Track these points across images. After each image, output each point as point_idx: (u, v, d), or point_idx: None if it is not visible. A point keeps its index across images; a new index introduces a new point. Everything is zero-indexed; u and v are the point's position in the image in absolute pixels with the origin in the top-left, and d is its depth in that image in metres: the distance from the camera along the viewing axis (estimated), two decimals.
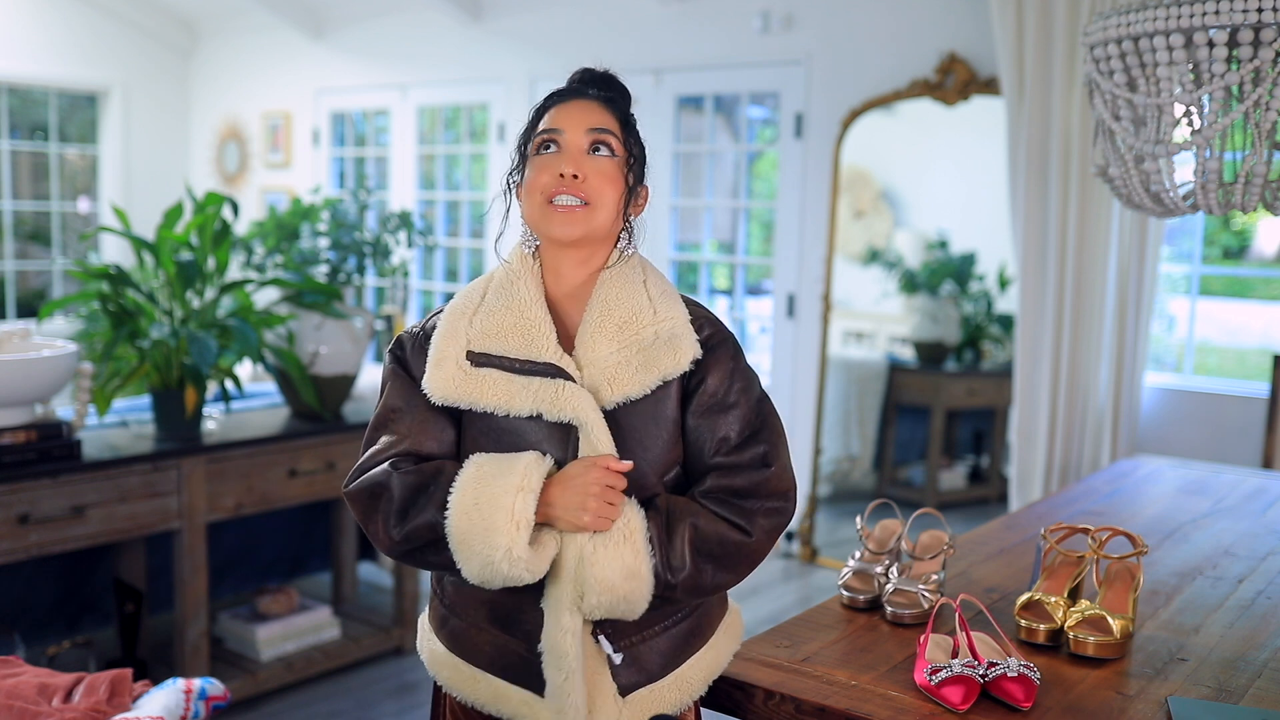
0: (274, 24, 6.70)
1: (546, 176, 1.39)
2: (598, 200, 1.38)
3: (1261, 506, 2.60)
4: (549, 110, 1.43)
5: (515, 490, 1.30)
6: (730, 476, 1.40)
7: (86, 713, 1.86)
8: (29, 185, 7.10)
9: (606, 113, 1.42)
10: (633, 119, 1.46)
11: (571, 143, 1.40)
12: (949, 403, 5.18)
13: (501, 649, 1.42)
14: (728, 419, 1.41)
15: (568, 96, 1.44)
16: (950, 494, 5.20)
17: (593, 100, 1.43)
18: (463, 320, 1.42)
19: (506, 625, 1.41)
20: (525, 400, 1.37)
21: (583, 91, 1.45)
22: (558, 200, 1.38)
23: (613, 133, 1.41)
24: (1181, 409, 3.98)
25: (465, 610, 1.45)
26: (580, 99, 1.43)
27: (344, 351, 3.37)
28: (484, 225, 6.08)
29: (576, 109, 1.42)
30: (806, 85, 4.69)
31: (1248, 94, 1.91)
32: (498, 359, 1.39)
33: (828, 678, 1.54)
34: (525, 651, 1.40)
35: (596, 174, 1.38)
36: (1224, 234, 6.29)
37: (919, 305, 5.27)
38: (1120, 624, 1.63)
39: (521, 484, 1.30)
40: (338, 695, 3.32)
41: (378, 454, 1.40)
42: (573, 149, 1.39)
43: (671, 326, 1.41)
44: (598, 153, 1.40)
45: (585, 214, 1.38)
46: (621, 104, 1.46)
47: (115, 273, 2.98)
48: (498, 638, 1.42)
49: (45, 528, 2.67)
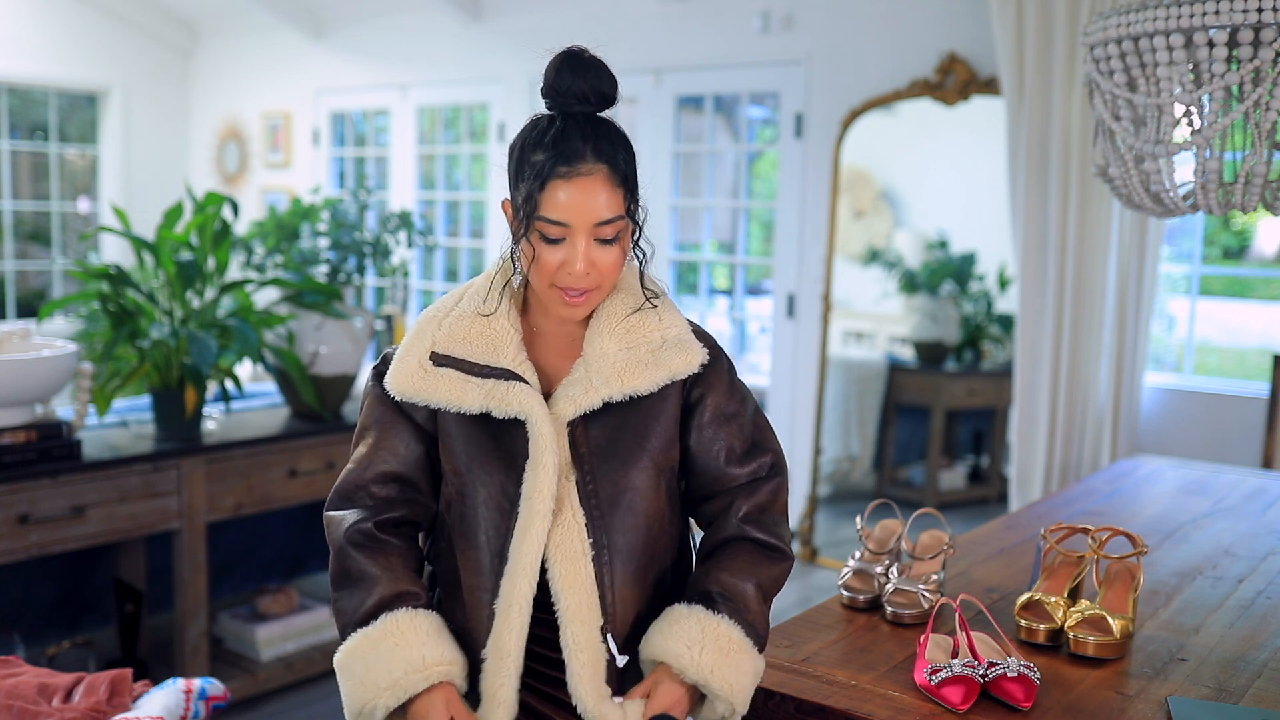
0: (274, 24, 6.70)
1: (555, 268, 1.36)
2: (605, 283, 1.39)
3: (1261, 506, 2.59)
4: (551, 184, 1.33)
5: (387, 688, 1.37)
6: (754, 494, 1.48)
7: (86, 713, 1.86)
8: (29, 185, 7.10)
9: (611, 188, 1.34)
10: (633, 176, 1.38)
11: (579, 238, 1.34)
12: (949, 403, 5.18)
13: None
14: (732, 428, 1.47)
15: (571, 171, 1.32)
16: (950, 494, 5.20)
17: (599, 174, 1.33)
18: (432, 324, 1.45)
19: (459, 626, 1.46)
20: (476, 398, 1.40)
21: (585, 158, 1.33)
22: (568, 290, 1.37)
23: (619, 216, 1.35)
24: (1181, 409, 3.98)
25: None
26: (584, 177, 1.32)
27: (344, 351, 3.37)
28: (484, 225, 6.09)
29: (581, 193, 1.32)
30: (806, 85, 4.69)
31: (1248, 94, 1.91)
32: (458, 361, 1.42)
33: (828, 678, 1.54)
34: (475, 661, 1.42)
35: (604, 261, 1.37)
36: (1224, 234, 6.29)
37: (919, 305, 5.27)
38: (1120, 624, 1.63)
39: (392, 684, 1.37)
40: (337, 695, 3.31)
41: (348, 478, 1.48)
42: (580, 244, 1.34)
43: (678, 333, 1.45)
44: (605, 244, 1.36)
45: (591, 297, 1.39)
46: (624, 159, 1.36)
47: (115, 273, 2.98)
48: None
49: (45, 528, 2.67)
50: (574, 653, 1.37)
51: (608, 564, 1.40)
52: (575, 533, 1.39)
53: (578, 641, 1.37)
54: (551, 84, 1.36)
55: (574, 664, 1.37)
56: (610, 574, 1.40)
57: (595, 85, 1.35)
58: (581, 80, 1.35)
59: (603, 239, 1.36)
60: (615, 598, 1.40)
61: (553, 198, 1.33)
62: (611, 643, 1.40)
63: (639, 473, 1.42)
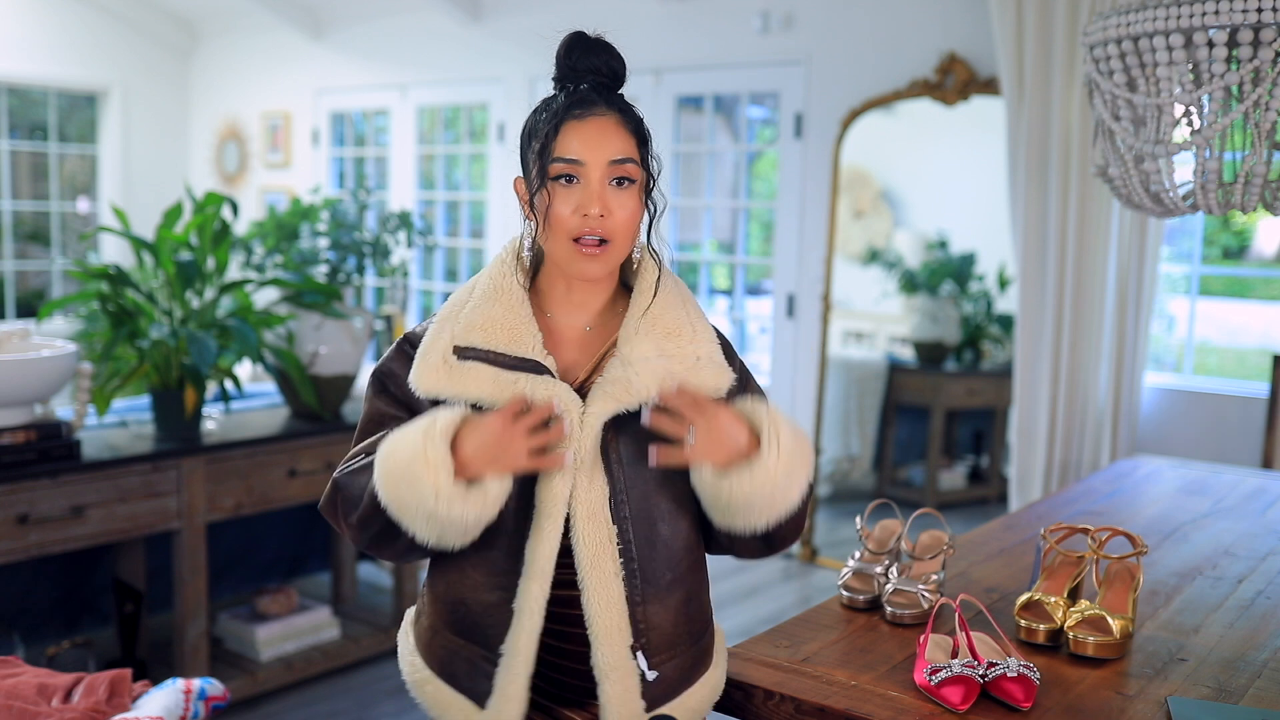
0: (274, 24, 6.70)
1: (570, 214, 1.36)
2: (618, 236, 1.38)
3: (1261, 506, 2.59)
4: (565, 126, 1.36)
5: (422, 435, 1.29)
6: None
7: (86, 713, 1.86)
8: (29, 185, 7.10)
9: (625, 132, 1.37)
10: (646, 130, 1.42)
11: (593, 176, 1.35)
12: (949, 403, 5.18)
13: (454, 653, 1.43)
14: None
15: (584, 112, 1.36)
16: (950, 494, 5.20)
17: (611, 118, 1.37)
18: (450, 319, 1.43)
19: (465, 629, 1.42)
20: (509, 393, 1.36)
21: (598, 104, 1.37)
22: (583, 240, 1.37)
23: (633, 159, 1.37)
24: (1181, 409, 3.98)
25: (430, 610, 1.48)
26: (598, 117, 1.36)
27: (344, 351, 3.37)
28: (484, 225, 6.08)
29: (595, 131, 1.35)
30: (806, 85, 4.69)
31: (1247, 94, 1.91)
32: (482, 352, 1.39)
33: (828, 678, 1.54)
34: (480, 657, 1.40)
35: (620, 208, 1.37)
36: (1224, 234, 6.29)
37: (919, 305, 5.27)
38: (1120, 624, 1.63)
39: (426, 428, 1.29)
40: (338, 695, 3.31)
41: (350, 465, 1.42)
42: (594, 183, 1.35)
43: (710, 351, 1.45)
44: (619, 185, 1.37)
45: (608, 252, 1.38)
46: (636, 113, 1.41)
47: (115, 273, 2.98)
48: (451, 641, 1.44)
49: (45, 528, 2.67)
50: (605, 673, 1.36)
51: (638, 582, 1.38)
52: (608, 552, 1.36)
53: (608, 662, 1.36)
54: (564, 61, 1.39)
55: (605, 684, 1.36)
56: (640, 592, 1.38)
57: (607, 62, 1.40)
58: (594, 58, 1.39)
59: (617, 179, 1.36)
60: (646, 615, 1.39)
61: (566, 138, 1.35)
62: (642, 659, 1.39)
63: (669, 487, 1.41)
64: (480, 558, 1.40)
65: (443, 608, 1.45)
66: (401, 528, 1.32)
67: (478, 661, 1.41)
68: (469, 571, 1.41)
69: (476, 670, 1.41)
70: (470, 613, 1.41)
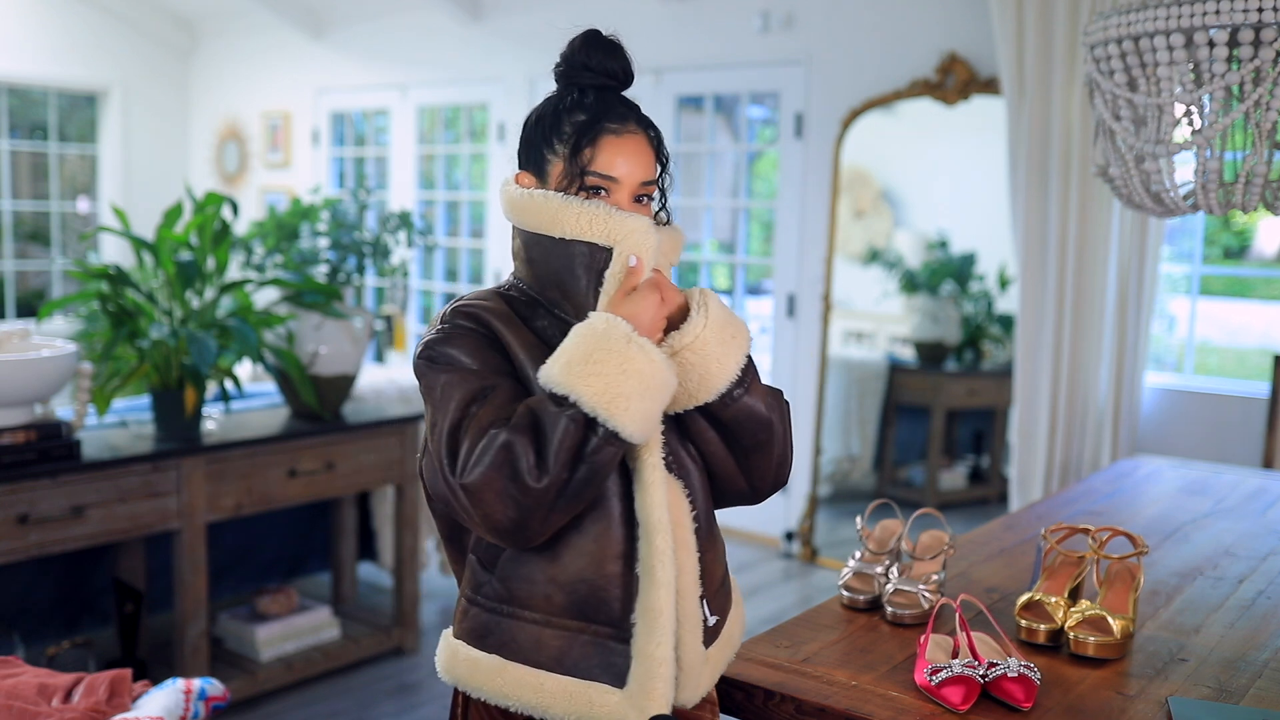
0: (274, 24, 6.70)
1: None
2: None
3: (1262, 506, 2.59)
4: (604, 140, 1.37)
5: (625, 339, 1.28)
6: None
7: (86, 713, 1.86)
8: (29, 185, 7.10)
9: (652, 152, 1.40)
10: (666, 154, 1.44)
11: (623, 196, 1.38)
12: (949, 403, 5.18)
13: (570, 640, 1.37)
14: None
15: (620, 128, 1.38)
16: (950, 494, 5.20)
17: (642, 137, 1.39)
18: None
19: (583, 610, 1.37)
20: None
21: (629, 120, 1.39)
22: None
23: (655, 180, 1.41)
24: (1182, 409, 3.98)
25: (532, 605, 1.38)
26: (632, 135, 1.38)
27: (344, 351, 3.37)
28: (484, 225, 6.08)
29: (633, 151, 1.38)
30: (806, 85, 4.69)
31: (1248, 94, 1.91)
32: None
33: (828, 678, 1.54)
34: (608, 636, 1.36)
35: None
36: (1224, 234, 6.29)
37: (919, 305, 5.27)
38: (1120, 624, 1.63)
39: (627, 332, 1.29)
40: (338, 695, 3.31)
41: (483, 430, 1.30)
42: (624, 202, 1.38)
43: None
44: (639, 202, 1.40)
45: None
46: (657, 133, 1.43)
47: (115, 273, 2.98)
48: (568, 627, 1.37)
49: (45, 528, 2.67)
50: (681, 620, 1.37)
51: (702, 531, 1.41)
52: (681, 504, 1.39)
53: (684, 610, 1.37)
54: (580, 60, 1.40)
55: (682, 631, 1.37)
56: (701, 541, 1.41)
57: (623, 64, 1.42)
58: (611, 59, 1.41)
59: (639, 197, 1.39)
60: (705, 563, 1.42)
61: (606, 154, 1.37)
62: (705, 607, 1.42)
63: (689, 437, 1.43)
64: (593, 529, 1.36)
65: (548, 598, 1.37)
66: (610, 431, 1.25)
67: (605, 641, 1.36)
68: (585, 547, 1.36)
69: (605, 650, 1.36)
70: (593, 589, 1.36)
